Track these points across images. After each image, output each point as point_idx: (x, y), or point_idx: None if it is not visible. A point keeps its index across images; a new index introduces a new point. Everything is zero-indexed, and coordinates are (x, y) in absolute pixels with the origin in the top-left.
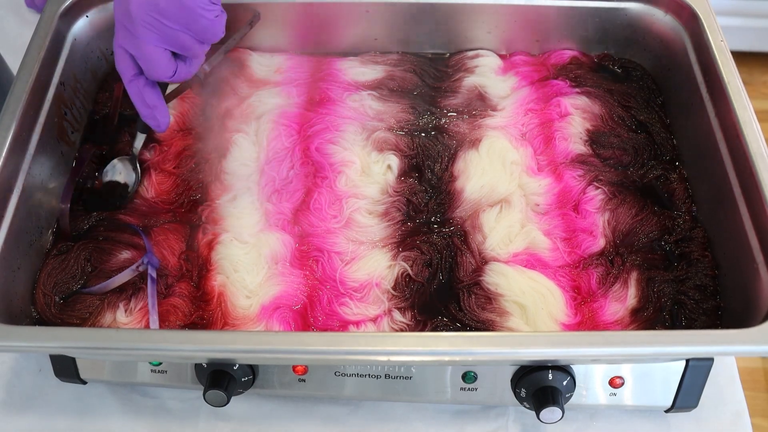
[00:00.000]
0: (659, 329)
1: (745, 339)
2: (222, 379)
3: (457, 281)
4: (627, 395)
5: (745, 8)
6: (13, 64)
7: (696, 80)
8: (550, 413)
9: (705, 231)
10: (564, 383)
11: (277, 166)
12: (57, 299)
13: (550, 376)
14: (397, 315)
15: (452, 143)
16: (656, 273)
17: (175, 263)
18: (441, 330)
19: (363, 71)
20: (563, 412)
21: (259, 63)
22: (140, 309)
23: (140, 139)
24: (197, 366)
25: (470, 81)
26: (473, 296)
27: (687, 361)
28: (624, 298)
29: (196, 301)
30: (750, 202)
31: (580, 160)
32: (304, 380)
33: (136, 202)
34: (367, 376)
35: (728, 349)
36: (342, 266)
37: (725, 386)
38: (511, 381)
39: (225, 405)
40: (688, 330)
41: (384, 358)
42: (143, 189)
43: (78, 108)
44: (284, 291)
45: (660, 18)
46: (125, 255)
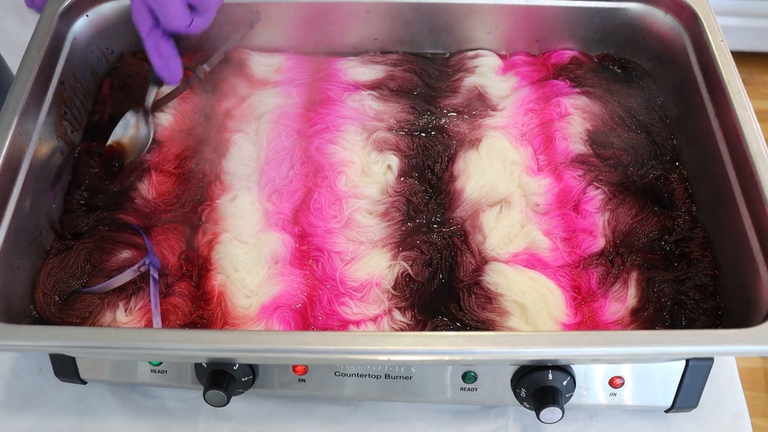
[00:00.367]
0: (659, 329)
1: (745, 339)
2: (222, 379)
3: (457, 281)
4: (627, 395)
5: (745, 8)
6: (13, 64)
7: (696, 80)
8: (550, 413)
9: (705, 231)
10: (564, 383)
11: (277, 166)
12: (57, 298)
13: (550, 376)
14: (397, 315)
15: (452, 143)
16: (656, 273)
17: (175, 263)
18: (441, 330)
19: (363, 71)
20: (563, 412)
21: (259, 63)
22: (140, 308)
23: (152, 92)
24: (197, 366)
25: (470, 81)
26: (473, 296)
27: (687, 361)
28: (624, 298)
29: (196, 301)
30: (750, 202)
31: (580, 160)
32: (304, 380)
33: (137, 204)
34: (367, 376)
35: (728, 349)
36: (342, 266)
37: (725, 386)
38: (511, 381)
39: (225, 405)
40: (688, 330)
41: (384, 358)
42: (144, 190)
43: (78, 107)
44: (284, 291)
45: (660, 18)
46: (125, 254)
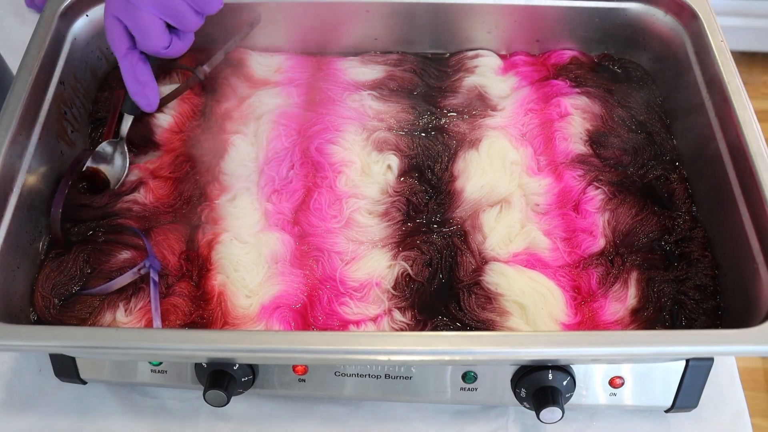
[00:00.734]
0: (659, 329)
1: (745, 339)
2: (222, 379)
3: (457, 281)
4: (627, 395)
5: (745, 8)
6: (13, 64)
7: (696, 80)
8: (550, 413)
9: (705, 231)
10: (564, 383)
11: (277, 166)
12: (56, 301)
13: (550, 376)
14: (397, 315)
15: (452, 143)
16: (656, 273)
17: (175, 263)
18: (441, 330)
19: (363, 71)
20: (563, 412)
21: (259, 63)
22: (140, 309)
23: (127, 121)
24: (197, 366)
25: (470, 81)
26: (473, 296)
27: (687, 361)
28: (624, 298)
29: (196, 301)
30: (750, 202)
31: (580, 160)
32: (304, 380)
33: (136, 204)
34: (367, 376)
35: (728, 349)
36: (342, 266)
37: (725, 386)
38: (511, 381)
39: (225, 405)
40: (688, 330)
41: (384, 358)
42: (140, 197)
43: (78, 108)
44: (284, 290)
45: (660, 18)
46: (125, 255)
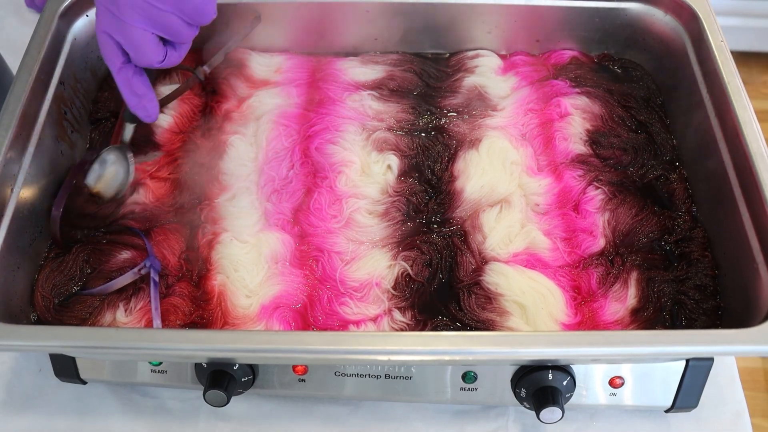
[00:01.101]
0: (659, 329)
1: (745, 339)
2: (222, 379)
3: (457, 281)
4: (627, 395)
5: (745, 8)
6: (13, 64)
7: (696, 80)
8: (550, 413)
9: (705, 231)
10: (564, 383)
11: (277, 166)
12: (56, 301)
13: (550, 376)
14: (397, 315)
15: (452, 143)
16: (656, 273)
17: (175, 263)
18: (441, 330)
19: (363, 71)
20: (563, 412)
21: (259, 63)
22: (140, 309)
23: (129, 130)
24: (197, 366)
25: (470, 81)
26: (473, 296)
27: (687, 361)
28: (624, 298)
29: (196, 301)
30: (750, 202)
31: (580, 160)
32: (304, 380)
33: (136, 206)
34: (367, 376)
35: (728, 349)
36: (342, 266)
37: (725, 386)
38: (511, 381)
39: (225, 405)
40: (688, 330)
41: (384, 358)
42: (140, 195)
43: (78, 108)
44: (284, 290)
45: (660, 18)
46: (125, 255)
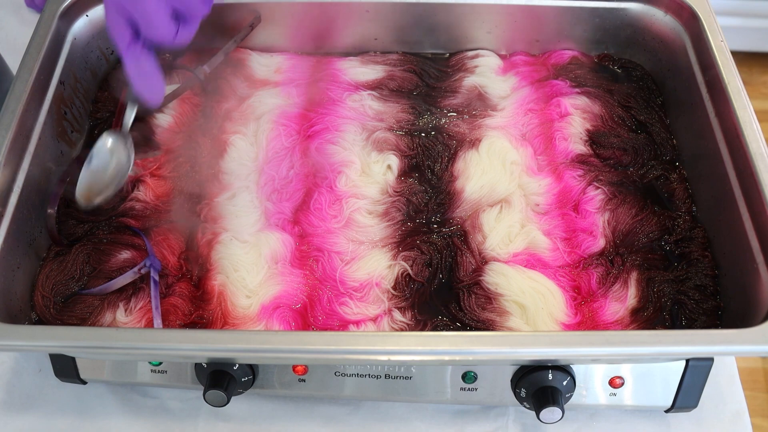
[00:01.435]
0: (659, 329)
1: (745, 339)
2: (222, 379)
3: (457, 281)
4: (627, 395)
5: (745, 8)
6: (13, 64)
7: (696, 80)
8: (550, 413)
9: (705, 231)
10: (564, 383)
11: (277, 166)
12: (56, 301)
13: (550, 376)
14: (397, 315)
15: (452, 143)
16: (656, 273)
17: (175, 263)
18: (441, 330)
19: (363, 71)
20: (563, 412)
21: (259, 63)
22: (140, 309)
23: (131, 113)
24: (197, 366)
25: (470, 81)
26: (473, 296)
27: (687, 361)
28: (624, 298)
29: (196, 301)
30: (750, 202)
31: (580, 160)
32: (304, 380)
33: (136, 205)
34: (367, 376)
35: (728, 349)
36: (342, 266)
37: (725, 386)
38: (511, 381)
39: (225, 405)
40: (688, 330)
41: (384, 358)
42: (141, 193)
43: (78, 107)
44: (284, 290)
45: (660, 18)
46: (125, 255)
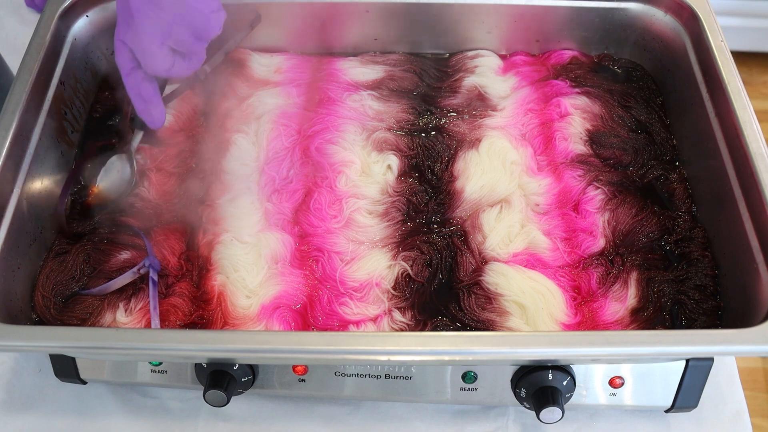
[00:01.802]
0: (659, 329)
1: (745, 339)
2: (222, 379)
3: (457, 281)
4: (627, 395)
5: (745, 8)
6: (13, 64)
7: (696, 80)
8: (550, 413)
9: (705, 231)
10: (564, 383)
11: (277, 166)
12: (56, 301)
13: (550, 376)
14: (397, 315)
15: (452, 143)
16: (656, 273)
17: (175, 263)
18: (441, 330)
19: (363, 71)
20: (563, 412)
21: (259, 63)
22: (140, 309)
23: (138, 136)
24: (197, 366)
25: (470, 81)
26: (473, 296)
27: (687, 361)
28: (624, 298)
29: (196, 301)
30: (750, 202)
31: (580, 160)
32: (304, 380)
33: (137, 205)
34: (367, 376)
35: (728, 349)
36: (342, 266)
37: (725, 386)
38: (511, 381)
39: (225, 405)
40: (689, 330)
41: (384, 358)
42: (143, 190)
43: (78, 108)
44: (284, 291)
45: (660, 18)
46: (125, 255)
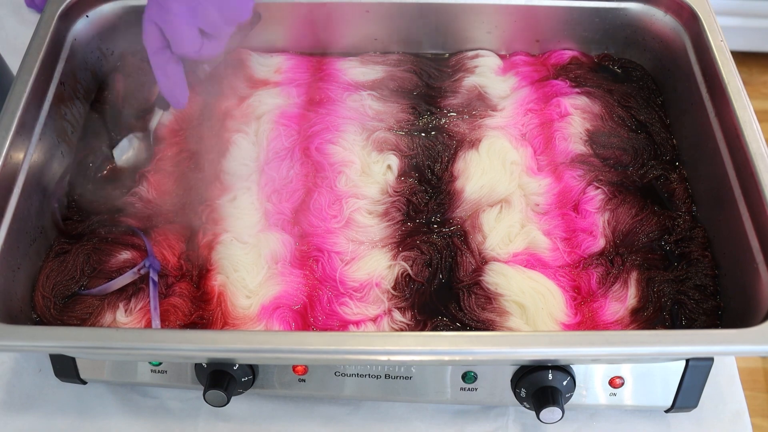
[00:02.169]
0: (659, 329)
1: (745, 339)
2: (222, 379)
3: (457, 281)
4: (627, 395)
5: (745, 8)
6: (13, 64)
7: (696, 80)
8: (550, 413)
9: (705, 231)
10: (564, 383)
11: (277, 166)
12: (56, 301)
13: (550, 376)
14: (397, 315)
15: (452, 143)
16: (656, 273)
17: (175, 263)
18: (441, 330)
19: (363, 71)
20: (563, 412)
21: (259, 63)
22: (140, 309)
23: (158, 116)
24: (197, 366)
25: (470, 81)
26: (473, 296)
27: (687, 361)
28: (624, 298)
29: (196, 301)
30: (750, 202)
31: (580, 160)
32: (304, 380)
33: (136, 205)
34: (367, 376)
35: (728, 349)
36: (342, 266)
37: (725, 386)
38: (511, 381)
39: (225, 405)
40: (689, 330)
41: (384, 358)
42: (143, 190)
43: (78, 108)
44: (284, 291)
45: (660, 18)
46: (125, 255)
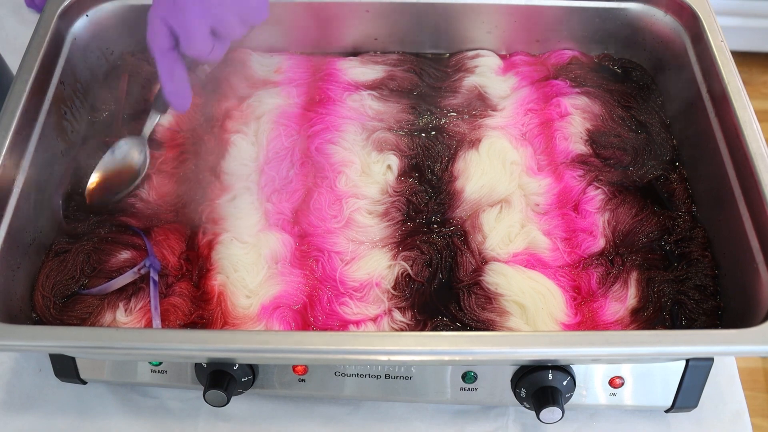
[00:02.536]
0: (659, 329)
1: (745, 339)
2: (222, 379)
3: (457, 281)
4: (627, 395)
5: (745, 8)
6: (13, 64)
7: (696, 80)
8: (550, 413)
9: (705, 231)
10: (564, 383)
11: (277, 166)
12: (56, 301)
13: (550, 376)
14: (397, 315)
15: (452, 143)
16: (656, 273)
17: (175, 263)
18: (441, 330)
19: (363, 71)
20: (563, 412)
21: (259, 63)
22: (140, 309)
23: (153, 119)
24: (197, 366)
25: (470, 81)
26: (473, 296)
27: (687, 361)
28: (624, 298)
29: (196, 301)
30: (750, 202)
31: (580, 160)
32: (304, 380)
33: (137, 205)
34: (367, 376)
35: (728, 349)
36: (342, 266)
37: (725, 386)
38: (511, 381)
39: (225, 405)
40: (689, 330)
41: (384, 358)
42: (143, 191)
43: (78, 107)
44: (284, 291)
45: (660, 18)
46: (125, 255)
